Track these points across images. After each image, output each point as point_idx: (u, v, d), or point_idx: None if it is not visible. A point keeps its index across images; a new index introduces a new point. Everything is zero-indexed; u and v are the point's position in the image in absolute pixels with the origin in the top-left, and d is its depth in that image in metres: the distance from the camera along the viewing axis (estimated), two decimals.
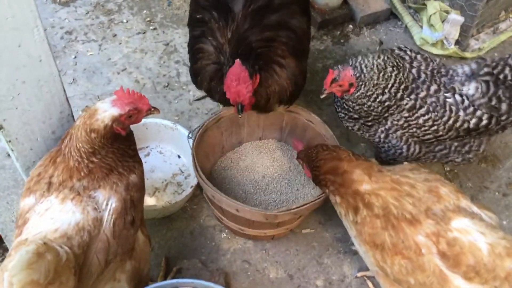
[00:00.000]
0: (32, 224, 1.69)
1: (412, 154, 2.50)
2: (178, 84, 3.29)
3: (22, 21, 1.59)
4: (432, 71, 2.35)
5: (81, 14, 3.64)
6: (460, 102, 2.29)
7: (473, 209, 1.99)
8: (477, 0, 3.29)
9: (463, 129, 2.33)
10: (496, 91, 2.26)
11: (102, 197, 1.77)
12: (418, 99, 2.29)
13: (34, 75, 1.78)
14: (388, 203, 2.00)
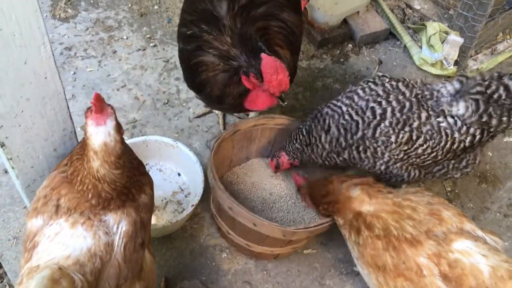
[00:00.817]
0: (42, 249, 1.64)
1: (412, 178, 2.49)
2: (178, 101, 3.27)
3: (29, 38, 1.57)
4: (416, 97, 2.33)
5: (80, 30, 3.63)
6: (453, 124, 2.27)
7: (477, 232, 1.98)
8: (476, 21, 3.32)
9: (460, 149, 2.33)
10: (487, 108, 2.24)
11: (112, 221, 1.72)
12: (413, 130, 2.27)
13: (38, 92, 1.75)
14: (389, 225, 2.01)
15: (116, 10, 3.79)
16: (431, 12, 3.81)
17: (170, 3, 3.87)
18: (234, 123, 2.68)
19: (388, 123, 2.27)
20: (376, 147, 2.31)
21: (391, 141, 2.28)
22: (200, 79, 2.43)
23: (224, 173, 2.75)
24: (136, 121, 3.13)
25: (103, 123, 1.57)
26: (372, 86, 2.39)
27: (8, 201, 2.69)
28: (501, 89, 2.22)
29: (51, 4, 3.75)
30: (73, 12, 3.73)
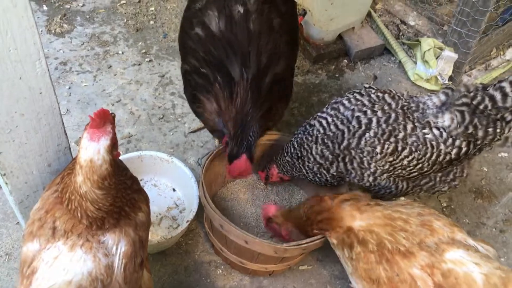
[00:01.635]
0: (42, 275, 1.60)
1: (400, 191, 2.48)
2: (173, 116, 3.27)
3: (25, 53, 1.56)
4: (402, 108, 2.32)
5: (76, 45, 3.63)
6: (439, 136, 2.26)
7: (469, 241, 1.99)
8: (470, 37, 3.36)
9: (446, 161, 2.32)
10: (472, 120, 2.23)
11: (111, 241, 1.69)
12: (398, 141, 2.25)
13: (33, 108, 1.74)
14: (382, 239, 2.01)
15: (112, 25, 3.80)
16: (425, 28, 3.85)
17: (166, 19, 3.88)
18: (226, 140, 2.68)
19: (373, 133, 2.26)
20: (362, 157, 2.30)
21: (376, 152, 2.26)
22: (198, 110, 2.52)
23: (218, 189, 2.74)
24: (131, 136, 3.12)
25: (97, 140, 1.54)
26: (358, 97, 2.39)
27: (0, 216, 2.66)
28: (486, 99, 2.21)
29: (46, 19, 3.75)
30: (69, 27, 3.74)
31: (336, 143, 2.33)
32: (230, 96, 2.34)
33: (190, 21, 2.49)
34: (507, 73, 3.81)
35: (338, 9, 3.52)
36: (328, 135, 2.36)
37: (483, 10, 3.21)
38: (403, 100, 2.36)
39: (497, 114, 2.22)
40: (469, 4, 3.27)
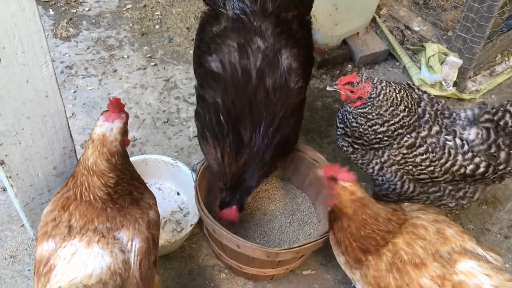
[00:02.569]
0: (61, 271, 1.62)
1: (405, 192, 2.45)
2: (178, 120, 3.28)
3: (32, 57, 1.58)
4: (436, 112, 2.33)
5: (81, 49, 3.65)
6: (460, 146, 2.27)
7: (478, 251, 1.96)
8: (475, 43, 3.35)
9: (459, 174, 2.30)
10: (496, 139, 2.23)
11: (126, 238, 1.72)
12: (418, 137, 2.26)
13: (39, 111, 1.75)
14: (399, 249, 1.96)
15: (117, 29, 3.83)
16: (430, 34, 3.85)
17: (171, 23, 3.90)
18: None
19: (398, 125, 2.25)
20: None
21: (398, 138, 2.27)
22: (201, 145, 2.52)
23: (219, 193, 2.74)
24: (136, 140, 3.13)
25: (111, 120, 1.67)
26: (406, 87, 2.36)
27: (5, 219, 2.67)
28: (507, 116, 2.20)
29: (53, 23, 3.78)
30: (75, 31, 3.76)
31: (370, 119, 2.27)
32: (236, 156, 2.38)
33: (208, 46, 2.43)
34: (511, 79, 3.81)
35: (343, 14, 3.52)
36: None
37: (488, 16, 3.21)
38: (439, 105, 2.37)
39: None
40: (474, 10, 3.27)
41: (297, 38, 2.45)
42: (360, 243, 2.01)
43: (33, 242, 2.55)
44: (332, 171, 2.05)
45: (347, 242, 2.05)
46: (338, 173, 2.03)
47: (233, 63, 2.32)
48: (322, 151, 3.15)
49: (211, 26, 2.44)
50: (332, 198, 2.06)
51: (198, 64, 2.51)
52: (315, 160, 2.66)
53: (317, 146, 3.21)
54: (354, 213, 1.99)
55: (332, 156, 3.16)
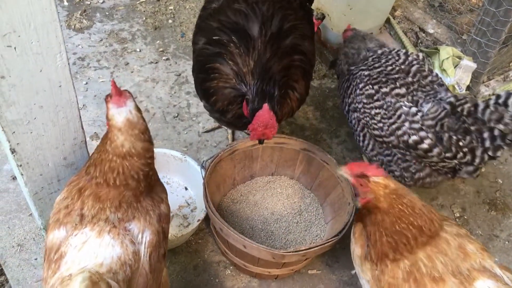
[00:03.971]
0: (71, 258, 1.63)
1: (366, 148, 2.63)
2: (188, 115, 3.28)
3: (46, 46, 1.58)
4: (418, 80, 2.48)
5: (94, 41, 3.66)
6: (411, 115, 2.36)
7: (495, 270, 1.89)
8: (490, 47, 3.32)
9: (403, 140, 2.39)
10: (443, 118, 2.29)
11: (137, 230, 1.72)
12: (379, 91, 2.46)
13: (52, 100, 1.75)
14: (418, 260, 1.88)
15: (131, 22, 3.83)
16: (444, 37, 3.82)
17: (184, 18, 3.90)
18: (231, 143, 2.68)
19: (368, 73, 2.54)
20: (352, 84, 2.62)
21: (359, 86, 2.53)
22: (209, 85, 2.40)
23: (227, 191, 2.73)
24: None
25: (124, 104, 1.67)
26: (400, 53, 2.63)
27: (14, 207, 2.68)
28: (468, 104, 2.26)
29: (66, 14, 3.79)
30: (88, 23, 3.77)
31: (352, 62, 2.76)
32: (247, 50, 2.30)
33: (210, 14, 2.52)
34: None
35: (357, 14, 3.50)
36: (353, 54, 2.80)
37: (504, 20, 3.18)
38: (431, 78, 2.51)
39: (473, 124, 2.25)
40: (490, 14, 3.24)
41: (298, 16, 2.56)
42: (392, 238, 1.92)
43: (40, 231, 2.56)
44: (360, 168, 1.98)
45: (378, 236, 1.95)
46: (368, 169, 1.96)
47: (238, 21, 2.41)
48: (331, 152, 3.14)
49: (211, 4, 2.55)
50: (364, 195, 1.96)
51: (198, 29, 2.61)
52: (325, 162, 2.65)
53: (326, 146, 3.20)
54: (390, 206, 1.91)
55: (341, 156, 3.15)
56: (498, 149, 2.25)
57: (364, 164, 2.03)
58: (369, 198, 1.95)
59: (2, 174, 2.81)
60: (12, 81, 1.59)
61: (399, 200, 1.91)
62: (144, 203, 1.79)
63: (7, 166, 2.82)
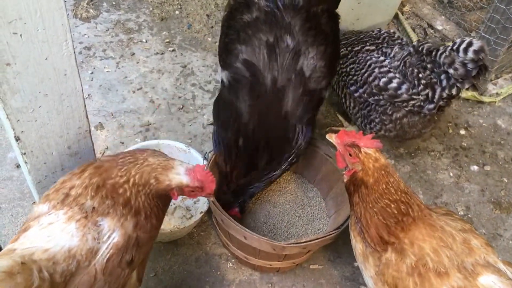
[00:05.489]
0: (30, 235, 1.62)
1: (349, 108, 2.94)
2: (193, 107, 3.27)
3: (52, 34, 1.57)
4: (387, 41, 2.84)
5: (101, 31, 3.65)
6: (380, 62, 2.71)
7: (499, 265, 1.88)
8: (498, 45, 3.29)
9: (375, 85, 2.68)
10: (406, 57, 2.60)
11: (106, 227, 1.68)
12: (352, 51, 2.87)
13: (57, 89, 1.75)
14: (425, 254, 1.87)
15: (137, 13, 3.82)
16: (453, 33, 3.79)
17: (191, 9, 3.88)
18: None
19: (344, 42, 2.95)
20: None
21: None
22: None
23: None
24: (150, 124, 3.13)
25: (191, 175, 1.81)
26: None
27: (17, 195, 2.68)
28: (428, 44, 2.52)
29: (73, 4, 3.78)
30: (95, 12, 3.76)
31: None
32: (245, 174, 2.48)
33: (238, 34, 2.41)
34: None
35: (365, 9, 3.47)
36: None
37: None
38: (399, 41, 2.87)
39: (430, 63, 2.51)
40: (500, 12, 3.20)
41: (326, 33, 2.44)
42: (382, 216, 1.89)
43: None
44: (351, 137, 1.88)
45: (368, 216, 1.91)
46: (361, 140, 1.87)
47: (260, 69, 2.33)
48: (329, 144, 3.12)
49: (242, 14, 2.41)
50: (352, 166, 1.89)
51: (226, 50, 2.49)
52: (328, 155, 2.63)
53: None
54: (375, 182, 1.86)
55: None
56: (453, 87, 2.49)
57: (357, 134, 1.93)
58: (356, 169, 1.89)
59: (6, 162, 2.81)
60: (17, 68, 1.59)
61: (386, 178, 1.87)
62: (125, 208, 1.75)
63: (11, 154, 2.82)
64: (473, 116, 3.49)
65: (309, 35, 2.34)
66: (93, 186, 1.71)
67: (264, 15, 2.35)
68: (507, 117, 3.52)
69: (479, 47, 2.33)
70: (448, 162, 3.20)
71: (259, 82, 2.34)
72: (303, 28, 2.34)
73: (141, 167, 1.78)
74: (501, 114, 3.53)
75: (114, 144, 2.98)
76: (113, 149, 2.95)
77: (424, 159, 3.19)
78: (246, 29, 2.37)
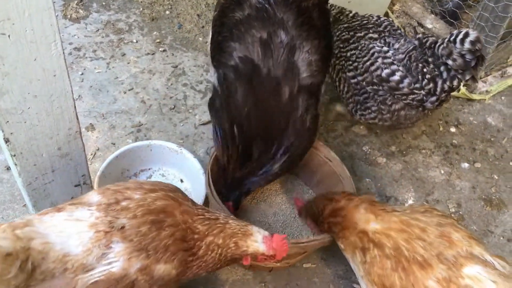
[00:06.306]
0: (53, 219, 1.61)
1: (342, 92, 2.94)
2: (185, 107, 3.26)
3: (41, 34, 1.56)
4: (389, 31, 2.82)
5: (91, 31, 3.63)
6: (384, 52, 2.68)
7: (486, 257, 1.91)
8: (488, 43, 3.31)
9: (377, 75, 2.66)
10: (411, 51, 2.59)
11: (114, 253, 1.60)
12: (354, 36, 2.82)
13: (46, 90, 1.74)
14: (399, 245, 1.94)
15: (128, 13, 3.80)
16: (443, 32, 3.81)
17: (182, 9, 3.87)
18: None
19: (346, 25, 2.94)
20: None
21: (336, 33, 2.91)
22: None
23: None
24: (141, 125, 3.12)
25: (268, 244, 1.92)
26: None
27: (8, 198, 2.66)
28: (432, 38, 2.54)
29: (63, 4, 3.75)
30: (85, 13, 3.74)
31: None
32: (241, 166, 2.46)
33: (231, 31, 2.40)
34: None
35: (356, 7, 3.47)
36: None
37: (502, 16, 3.17)
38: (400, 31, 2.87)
39: (431, 57, 2.52)
40: (489, 9, 3.23)
41: (318, 27, 2.44)
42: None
43: None
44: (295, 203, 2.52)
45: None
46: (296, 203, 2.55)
47: (256, 63, 2.32)
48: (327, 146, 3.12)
49: (233, 12, 2.41)
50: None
51: (219, 49, 2.48)
52: (328, 159, 2.63)
53: (323, 140, 3.19)
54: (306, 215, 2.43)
55: (338, 151, 3.14)
56: (454, 79, 2.51)
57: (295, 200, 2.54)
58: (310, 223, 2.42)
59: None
60: (5, 69, 1.58)
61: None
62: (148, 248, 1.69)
63: (1, 157, 2.80)
64: (464, 114, 3.51)
65: (302, 30, 2.34)
66: (148, 209, 1.71)
67: (256, 11, 2.35)
68: (497, 114, 3.54)
69: (475, 37, 2.35)
70: (439, 160, 3.22)
71: (255, 76, 2.34)
72: (296, 23, 2.34)
73: (223, 229, 1.84)
74: (491, 111, 3.56)
75: (105, 145, 2.97)
76: (104, 150, 2.93)
77: (416, 157, 3.21)
78: (239, 26, 2.37)
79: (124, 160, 2.67)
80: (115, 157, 2.62)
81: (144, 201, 1.73)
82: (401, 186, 3.04)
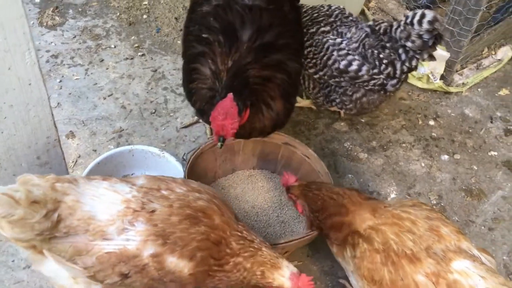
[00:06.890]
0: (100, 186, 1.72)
1: (308, 89, 2.99)
2: (166, 111, 3.26)
3: (14, 43, 1.56)
4: (340, 19, 2.83)
5: (68, 38, 3.60)
6: (337, 44, 2.71)
7: (473, 251, 1.93)
8: (462, 36, 3.37)
9: (335, 68, 2.71)
10: (364, 39, 2.64)
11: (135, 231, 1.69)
12: (307, 33, 2.81)
13: (22, 99, 1.73)
14: (388, 239, 1.95)
15: (104, 18, 3.78)
16: None
17: (159, 13, 3.87)
18: (211, 136, 2.67)
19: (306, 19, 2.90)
20: None
21: None
22: (191, 86, 2.40)
23: (208, 184, 2.72)
24: (123, 130, 3.11)
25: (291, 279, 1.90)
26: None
27: None
28: (384, 24, 2.59)
29: (38, 12, 3.73)
30: (61, 19, 3.71)
31: None
32: (229, 50, 2.26)
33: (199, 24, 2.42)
34: (498, 73, 3.84)
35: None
36: None
37: (475, 9, 3.22)
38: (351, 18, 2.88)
39: (388, 42, 2.57)
40: (462, 3, 3.28)
41: (289, 19, 2.46)
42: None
43: None
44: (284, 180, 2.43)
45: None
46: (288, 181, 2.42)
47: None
48: (309, 143, 3.15)
49: (201, 6, 2.44)
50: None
51: (187, 42, 2.50)
52: (306, 156, 2.65)
53: (304, 138, 3.21)
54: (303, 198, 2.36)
55: (319, 148, 3.17)
56: (412, 59, 2.58)
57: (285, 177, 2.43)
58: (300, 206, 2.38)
59: None
60: None
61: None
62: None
63: None
64: (442, 107, 3.56)
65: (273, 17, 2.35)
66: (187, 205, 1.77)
67: (223, 1, 2.38)
68: (474, 106, 3.60)
69: (433, 17, 2.41)
70: (419, 153, 3.26)
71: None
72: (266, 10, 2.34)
73: (255, 254, 1.86)
74: (468, 103, 3.62)
75: (86, 152, 2.95)
76: (86, 157, 2.91)
77: (396, 151, 3.25)
78: (206, 17, 2.39)
79: (106, 167, 2.66)
80: (96, 164, 2.60)
81: (185, 197, 1.81)
82: (383, 180, 3.07)
